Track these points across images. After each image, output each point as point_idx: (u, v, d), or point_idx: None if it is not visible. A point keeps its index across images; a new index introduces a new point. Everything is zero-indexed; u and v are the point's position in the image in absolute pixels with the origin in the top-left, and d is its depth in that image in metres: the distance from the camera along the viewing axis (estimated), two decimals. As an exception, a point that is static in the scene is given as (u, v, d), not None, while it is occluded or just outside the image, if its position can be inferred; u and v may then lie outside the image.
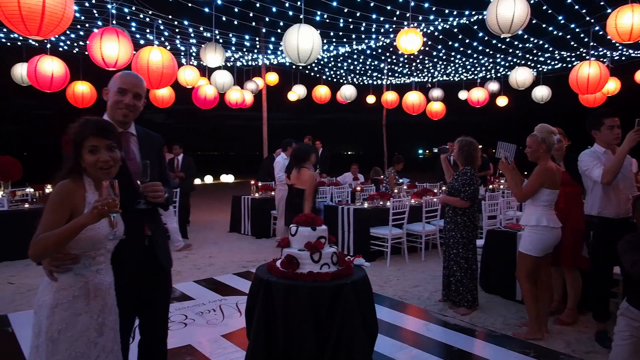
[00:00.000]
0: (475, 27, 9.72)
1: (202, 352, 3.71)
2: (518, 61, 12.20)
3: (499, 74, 13.98)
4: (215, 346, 3.84)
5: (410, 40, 7.02)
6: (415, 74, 15.37)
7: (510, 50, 11.36)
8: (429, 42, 10.80)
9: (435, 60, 12.82)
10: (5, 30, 9.02)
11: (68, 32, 9.23)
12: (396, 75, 15.80)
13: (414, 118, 12.94)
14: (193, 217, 10.30)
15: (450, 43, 10.95)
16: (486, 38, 10.19)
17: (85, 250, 1.99)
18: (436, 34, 10.26)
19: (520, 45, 10.77)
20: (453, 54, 11.94)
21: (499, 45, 10.75)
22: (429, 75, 15.44)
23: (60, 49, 10.33)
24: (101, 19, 8.42)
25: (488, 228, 5.67)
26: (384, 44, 11.42)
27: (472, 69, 14.14)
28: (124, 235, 2.09)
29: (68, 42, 10.26)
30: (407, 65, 14.15)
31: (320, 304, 2.71)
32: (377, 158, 16.99)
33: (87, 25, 8.88)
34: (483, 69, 13.95)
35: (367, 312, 2.90)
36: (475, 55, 11.97)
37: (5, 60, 9.86)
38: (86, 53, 6.17)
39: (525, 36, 9.91)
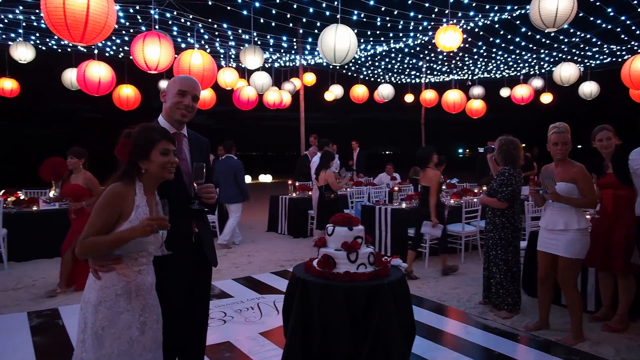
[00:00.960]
0: (518, 22, 9.42)
1: (240, 349, 3.78)
2: (563, 56, 11.74)
3: (543, 70, 13.49)
4: (253, 344, 3.89)
5: (449, 38, 6.88)
6: (454, 71, 15.06)
7: (555, 45, 10.94)
8: (469, 39, 10.55)
9: (476, 57, 12.51)
10: (55, 37, 9.48)
11: (113, 37, 9.62)
12: (435, 73, 15.54)
13: (454, 116, 12.69)
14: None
15: (491, 39, 10.66)
16: (529, 33, 9.85)
17: (129, 251, 2.07)
18: (476, 30, 10.01)
19: (565, 40, 10.36)
20: (494, 50, 11.62)
21: (543, 40, 10.37)
22: (469, 72, 15.10)
23: (107, 54, 10.77)
24: (144, 24, 8.70)
25: (531, 230, 5.48)
26: (422, 41, 11.24)
27: (515, 66, 13.71)
28: (170, 252, 2.20)
29: (114, 47, 10.68)
30: (446, 63, 13.89)
31: (356, 304, 2.71)
32: (416, 157, 16.74)
33: (131, 30, 9.21)
34: (526, 65, 13.51)
35: (404, 314, 2.87)
36: (517, 51, 11.60)
37: (56, 65, 10.36)
38: (130, 57, 6.39)
39: (571, 30, 9.52)
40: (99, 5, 4.03)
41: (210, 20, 8.90)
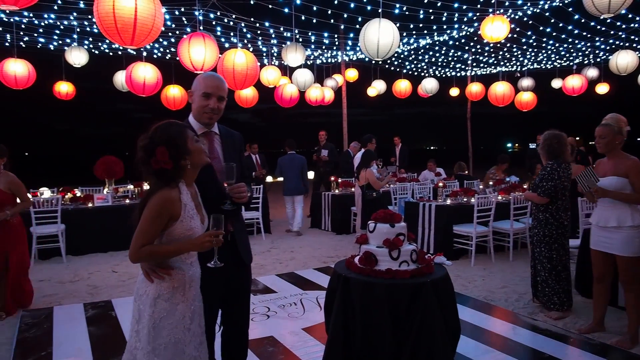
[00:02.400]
0: (570, 9, 8.98)
1: (283, 344, 3.82)
2: (620, 44, 11.07)
3: (598, 59, 12.80)
4: (296, 339, 3.93)
5: (496, 28, 6.64)
6: (502, 63, 14.54)
7: (612, 32, 10.35)
8: (517, 29, 10.15)
9: (525, 47, 12.03)
10: (107, 41, 9.91)
11: (161, 39, 9.94)
12: (481, 65, 15.07)
13: (502, 110, 12.27)
14: (275, 213, 10.61)
15: (541, 28, 10.21)
16: (583, 20, 9.36)
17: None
18: (525, 19, 9.61)
19: (623, 26, 9.76)
20: (545, 39, 11.12)
21: (598, 27, 9.83)
22: (518, 63, 14.54)
23: (155, 56, 11.14)
24: (190, 26, 8.94)
25: (585, 227, 5.22)
26: (468, 33, 10.92)
27: (567, 55, 13.08)
28: (222, 264, 2.27)
29: (161, 49, 11.04)
30: (493, 55, 13.44)
31: (398, 302, 2.67)
32: (462, 153, 16.35)
33: (177, 32, 9.48)
34: (580, 54, 12.86)
35: (449, 312, 2.81)
36: (570, 40, 11.05)
37: (108, 68, 10.84)
38: (177, 58, 6.58)
39: (630, 15, 8.97)
40: (146, 9, 4.17)
41: (252, 19, 9.02)
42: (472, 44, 12.01)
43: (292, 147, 8.98)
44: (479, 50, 12.90)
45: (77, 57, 8.98)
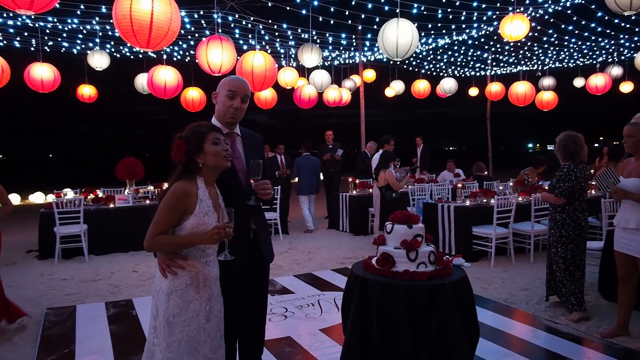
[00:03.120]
0: (593, 6, 8.79)
1: (301, 345, 3.83)
2: (646, 41, 10.82)
3: (622, 57, 12.51)
4: (313, 339, 3.93)
5: (515, 27, 6.55)
6: (522, 62, 14.33)
7: (637, 29, 10.10)
8: (538, 27, 9.99)
9: (546, 46, 11.82)
10: (128, 45, 10.07)
11: (180, 42, 10.07)
12: (501, 65, 14.88)
13: (522, 110, 12.09)
14: (293, 213, 10.65)
15: (562, 26, 10.02)
16: (606, 18, 9.16)
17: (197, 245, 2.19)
18: (546, 17, 9.46)
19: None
20: (567, 37, 10.91)
21: (622, 24, 9.61)
22: (539, 62, 14.30)
23: (175, 59, 11.30)
24: (208, 28, 9.04)
25: (608, 229, 5.11)
26: (487, 32, 10.80)
27: (590, 53, 12.82)
28: (232, 257, 2.29)
29: (180, 52, 11.19)
30: (513, 54, 13.25)
31: (416, 304, 2.65)
32: (481, 153, 16.15)
33: (196, 35, 9.59)
34: (603, 52, 12.58)
35: (467, 315, 2.78)
36: (593, 38, 10.83)
37: (129, 71, 11.03)
38: (196, 61, 6.65)
39: (655, 12, 8.74)
40: (162, 12, 4.23)
41: (270, 21, 9.08)
42: (491, 43, 11.87)
43: (307, 149, 9.39)
44: (499, 50, 12.74)
45: (99, 60, 9.16)
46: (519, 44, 11.42)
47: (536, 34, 10.43)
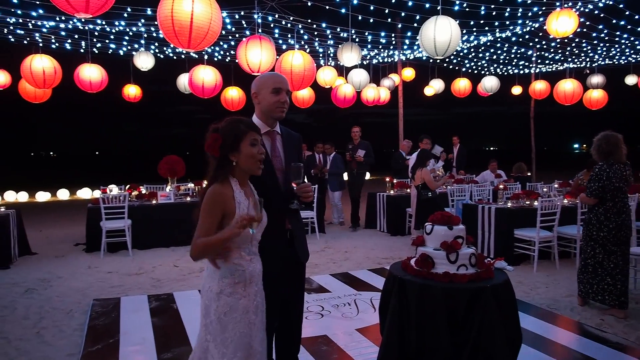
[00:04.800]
0: (648, -1, 8.35)
1: (337, 344, 3.82)
2: None
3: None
4: (349, 339, 3.92)
5: (562, 23, 6.31)
6: (570, 59, 13.77)
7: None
8: (587, 23, 9.57)
9: (595, 42, 11.32)
10: (171, 45, 10.36)
11: (221, 42, 10.26)
12: (547, 62, 14.35)
13: (569, 109, 11.66)
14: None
15: (614, 21, 9.56)
16: (662, 11, 8.68)
17: (240, 244, 2.21)
18: (596, 12, 9.05)
19: None
20: (618, 33, 10.40)
21: (680, 17, 9.07)
22: (587, 60, 13.71)
23: (215, 59, 11.52)
24: (249, 29, 9.16)
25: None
26: (532, 29, 10.44)
27: (644, 49, 12.17)
28: (263, 224, 2.26)
29: (221, 52, 11.40)
30: (560, 51, 12.75)
31: (456, 307, 2.60)
32: (524, 153, 15.65)
33: (237, 35, 9.75)
34: (658, 48, 11.92)
35: (509, 320, 2.70)
36: (647, 33, 10.28)
37: (172, 71, 11.35)
38: (236, 61, 6.76)
39: None
40: (202, 12, 4.32)
41: (309, 20, 9.11)
42: (536, 39, 11.46)
43: (329, 149, 9.74)
44: (544, 47, 12.29)
45: (144, 61, 9.46)
46: (566, 40, 10.98)
47: (584, 30, 10.00)
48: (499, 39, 11.42)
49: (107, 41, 10.20)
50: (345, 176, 10.17)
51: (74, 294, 5.32)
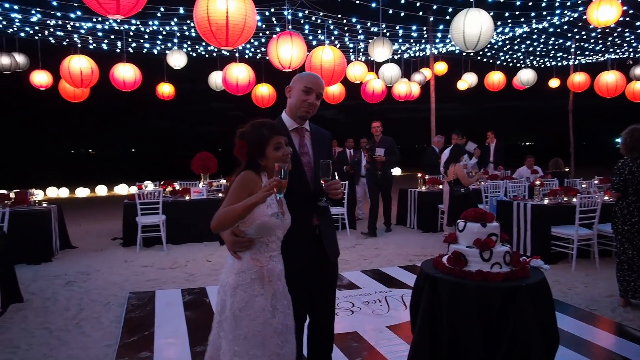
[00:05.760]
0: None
1: (367, 340, 3.80)
2: None
3: None
4: (380, 336, 3.89)
5: (604, 12, 6.06)
6: (611, 50, 13.21)
7: None
8: (630, 11, 9.15)
9: (639, 31, 10.81)
10: (203, 43, 10.53)
11: (252, 40, 10.34)
12: (586, 53, 13.82)
13: (610, 102, 11.19)
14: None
15: (659, 9, 9.10)
16: None
17: (260, 236, 2.21)
18: (640, 0, 8.64)
19: None
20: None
21: None
22: (631, 50, 13.11)
23: (246, 56, 11.64)
24: (279, 25, 9.20)
25: None
26: (571, 19, 10.06)
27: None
28: (286, 224, 2.28)
29: (252, 49, 11.50)
30: (600, 41, 12.25)
31: (489, 306, 2.53)
32: (562, 148, 15.15)
33: (267, 32, 9.80)
34: None
35: (546, 320, 2.61)
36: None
37: (204, 69, 11.53)
38: (267, 58, 6.80)
39: None
40: (237, 10, 4.36)
41: (339, 16, 9.06)
42: (575, 30, 11.05)
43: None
44: (584, 37, 11.83)
45: (177, 59, 9.65)
46: (607, 30, 10.53)
47: (628, 19, 9.56)
48: (535, 30, 11.06)
49: (141, 41, 10.45)
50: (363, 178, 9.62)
51: (111, 287, 5.49)
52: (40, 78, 9.53)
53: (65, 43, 10.34)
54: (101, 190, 17.06)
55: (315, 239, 2.58)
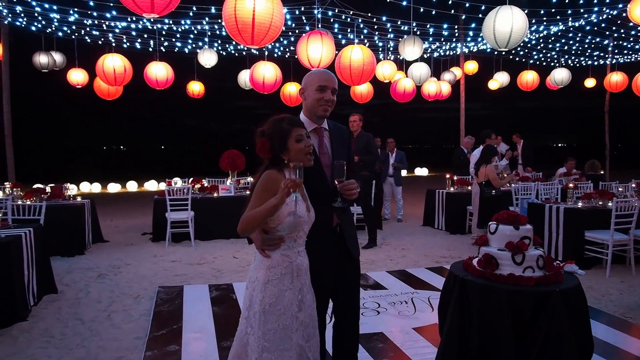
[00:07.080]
0: None
1: (393, 341, 3.77)
2: None
3: None
4: (406, 337, 3.86)
5: (646, 9, 5.82)
6: (651, 49, 12.71)
7: None
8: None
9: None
10: (233, 42, 10.63)
11: (281, 39, 10.39)
12: (625, 52, 13.34)
13: (650, 102, 10.77)
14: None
15: None
16: None
17: (289, 232, 2.24)
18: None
19: None
20: None
21: None
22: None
23: (275, 55, 11.70)
24: (309, 24, 9.21)
25: None
26: (609, 16, 9.73)
27: None
28: (311, 218, 2.29)
29: (281, 48, 11.55)
30: (640, 40, 11.81)
31: (521, 311, 2.47)
32: (597, 150, 14.68)
33: (297, 31, 9.83)
34: None
35: (580, 327, 2.53)
36: None
37: (234, 68, 11.66)
38: (295, 57, 6.81)
39: None
40: (264, 9, 4.39)
41: (369, 14, 9.01)
42: (614, 28, 10.68)
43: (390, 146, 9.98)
44: (622, 35, 11.42)
45: (207, 58, 9.78)
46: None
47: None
48: (571, 28, 10.74)
49: (173, 40, 10.64)
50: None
51: (141, 281, 5.61)
52: (77, 76, 9.83)
53: (100, 42, 10.63)
54: (132, 186, 17.47)
55: (337, 237, 2.58)
